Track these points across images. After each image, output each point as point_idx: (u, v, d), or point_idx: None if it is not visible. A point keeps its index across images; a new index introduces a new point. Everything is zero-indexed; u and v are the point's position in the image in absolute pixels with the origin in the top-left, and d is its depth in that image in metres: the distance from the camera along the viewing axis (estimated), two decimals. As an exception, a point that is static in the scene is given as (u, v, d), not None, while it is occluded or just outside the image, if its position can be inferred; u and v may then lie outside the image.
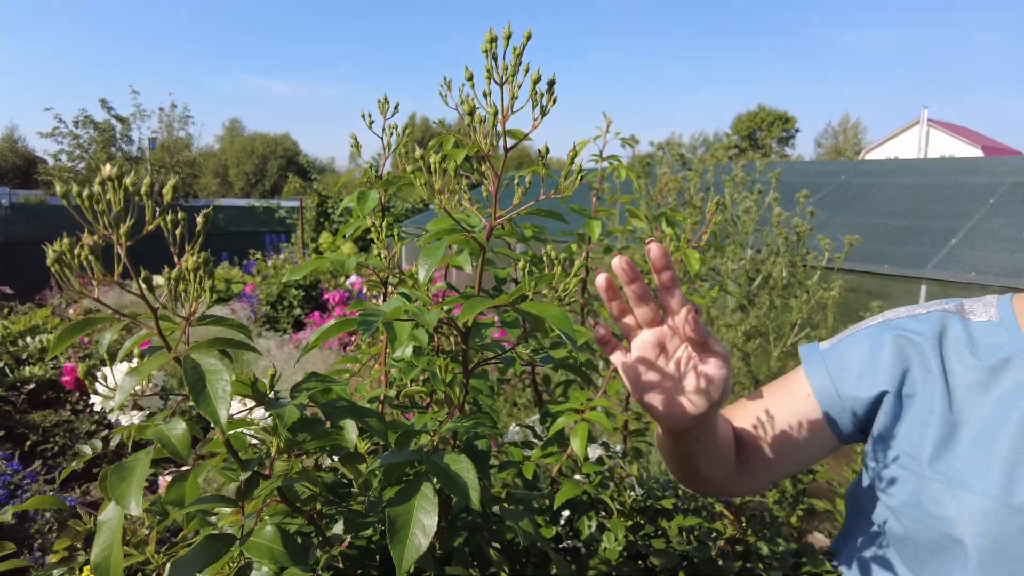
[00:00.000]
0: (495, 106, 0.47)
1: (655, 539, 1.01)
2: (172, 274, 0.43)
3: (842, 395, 0.87)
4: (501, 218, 0.52)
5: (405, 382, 0.86)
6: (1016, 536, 0.73)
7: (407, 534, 0.49)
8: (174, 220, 0.45)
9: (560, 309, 0.48)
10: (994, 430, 0.77)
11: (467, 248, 0.70)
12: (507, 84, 0.47)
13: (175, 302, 0.45)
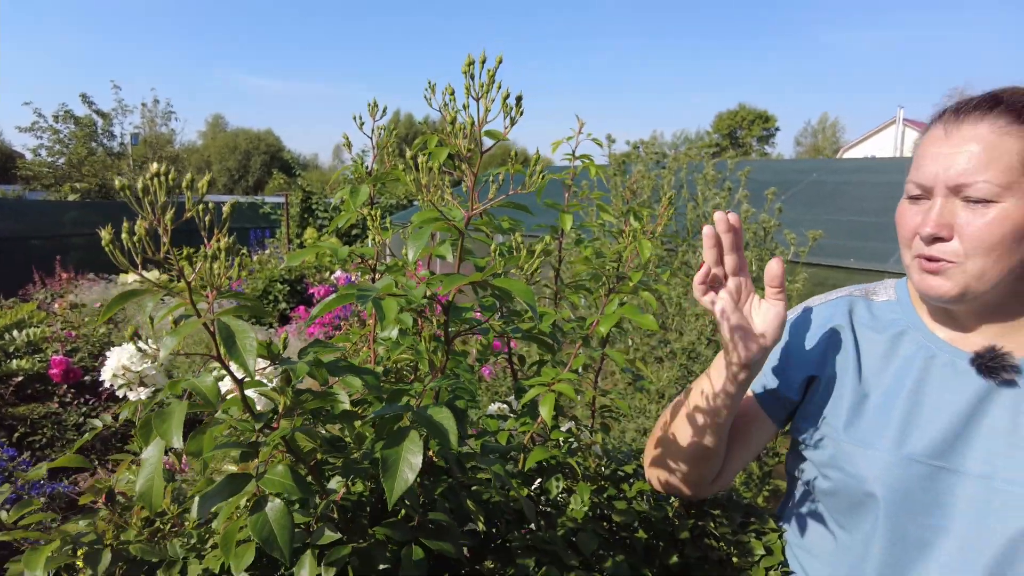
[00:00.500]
0: (472, 117, 0.57)
1: (617, 501, 1.12)
2: (207, 251, 0.53)
3: (776, 390, 1.00)
4: (477, 209, 0.62)
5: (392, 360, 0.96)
6: (917, 486, 0.85)
7: (397, 471, 0.60)
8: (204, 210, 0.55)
9: (525, 285, 0.58)
10: (893, 394, 0.90)
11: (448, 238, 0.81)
12: (482, 99, 0.57)
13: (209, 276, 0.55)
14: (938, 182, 0.82)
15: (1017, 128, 0.79)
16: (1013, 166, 0.78)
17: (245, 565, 0.73)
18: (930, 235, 0.82)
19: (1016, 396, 0.84)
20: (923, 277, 0.85)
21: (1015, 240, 0.79)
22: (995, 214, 0.78)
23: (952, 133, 0.82)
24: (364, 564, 0.78)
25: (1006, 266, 0.81)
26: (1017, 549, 0.80)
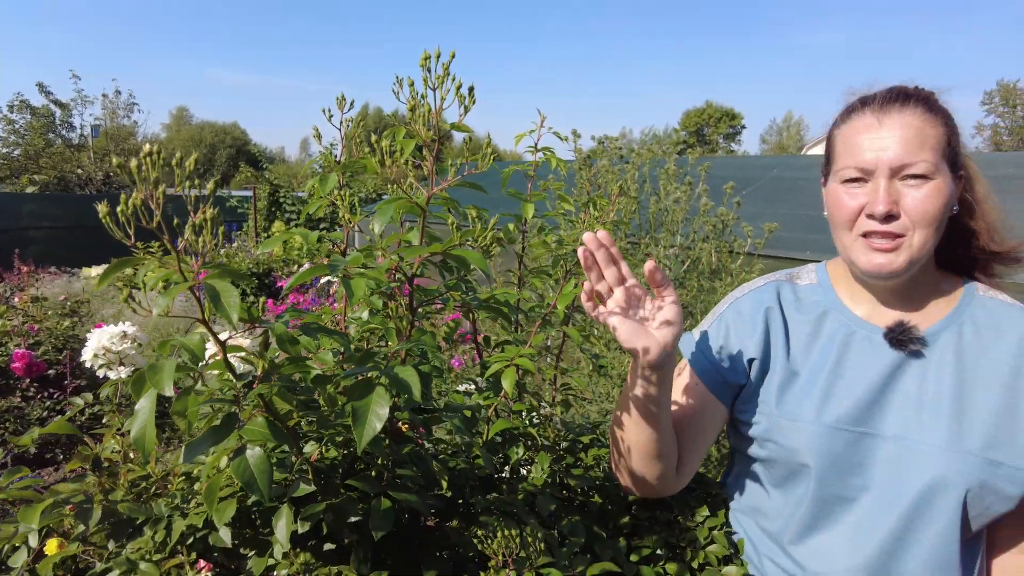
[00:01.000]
0: (429, 105, 0.65)
1: (575, 469, 1.21)
2: (193, 222, 0.59)
3: (723, 375, 1.09)
4: (437, 189, 0.70)
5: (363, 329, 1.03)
6: (843, 451, 0.95)
7: (366, 420, 0.67)
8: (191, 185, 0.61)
9: (479, 254, 0.66)
10: (818, 370, 1.00)
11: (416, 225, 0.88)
12: (438, 89, 0.65)
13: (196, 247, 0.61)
14: (880, 164, 0.91)
15: (932, 116, 0.91)
16: (936, 148, 0.90)
17: (227, 518, 0.80)
18: (884, 212, 0.90)
19: (923, 364, 0.95)
20: (873, 255, 0.93)
21: (944, 213, 0.91)
22: (931, 189, 0.89)
23: (884, 120, 0.92)
24: (337, 518, 0.85)
25: (936, 237, 0.92)
26: (925, 498, 0.90)
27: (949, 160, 0.92)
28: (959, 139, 0.95)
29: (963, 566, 0.93)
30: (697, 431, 1.10)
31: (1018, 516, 0.96)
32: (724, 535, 1.12)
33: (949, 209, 0.92)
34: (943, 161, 0.91)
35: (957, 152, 0.94)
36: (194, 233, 0.60)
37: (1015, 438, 0.89)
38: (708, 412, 1.10)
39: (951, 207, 0.93)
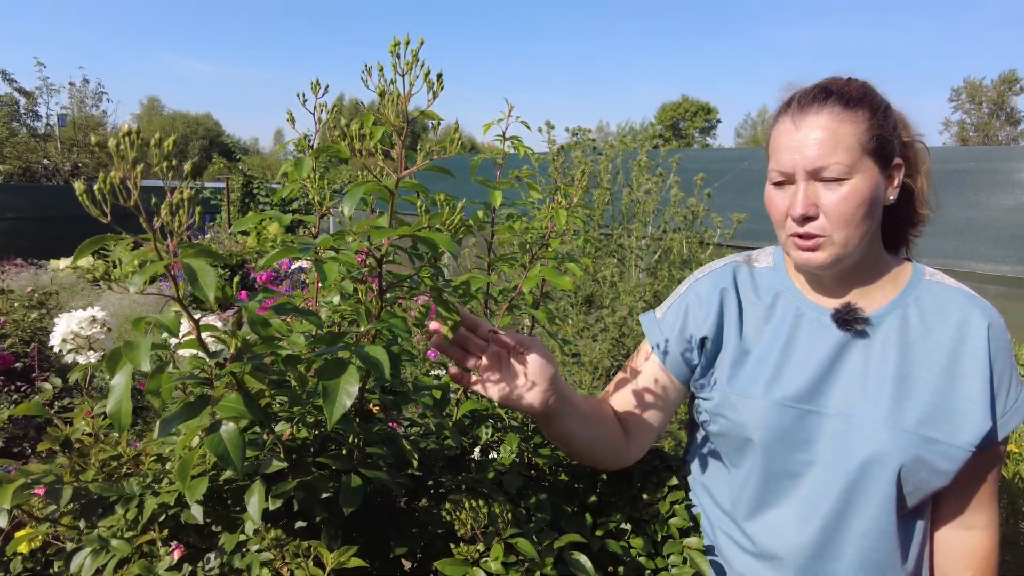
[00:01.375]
0: (398, 91, 0.67)
1: (542, 448, 1.24)
2: (170, 201, 0.61)
3: (678, 353, 1.13)
4: (407, 173, 0.72)
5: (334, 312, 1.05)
6: (790, 427, 0.99)
7: (336, 398, 0.69)
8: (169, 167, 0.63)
9: (447, 237, 0.68)
10: (769, 349, 1.04)
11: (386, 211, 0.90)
12: (407, 75, 0.67)
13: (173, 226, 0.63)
14: (797, 168, 0.95)
15: (850, 113, 0.93)
16: (853, 147, 0.92)
17: (199, 495, 0.82)
18: (801, 216, 0.95)
19: (868, 344, 0.99)
20: (799, 254, 0.98)
21: (867, 210, 0.94)
22: (847, 190, 0.92)
23: (800, 124, 0.95)
24: (308, 495, 0.87)
25: (864, 232, 0.95)
26: (863, 472, 0.95)
27: (875, 153, 0.93)
28: (893, 128, 0.96)
29: (901, 538, 0.98)
30: (653, 409, 1.14)
31: (958, 492, 1.02)
32: (684, 508, 1.17)
33: (873, 204, 0.94)
34: (865, 157, 0.92)
35: (888, 142, 0.95)
36: (170, 213, 0.62)
37: (951, 417, 0.93)
38: (665, 391, 1.14)
39: (877, 201, 0.95)
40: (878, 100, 0.97)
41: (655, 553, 1.16)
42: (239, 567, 0.84)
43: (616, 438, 1.10)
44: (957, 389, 0.95)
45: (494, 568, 0.95)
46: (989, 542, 1.03)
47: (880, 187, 0.95)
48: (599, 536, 1.14)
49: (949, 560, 1.05)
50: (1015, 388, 0.98)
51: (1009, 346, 0.98)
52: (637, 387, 1.14)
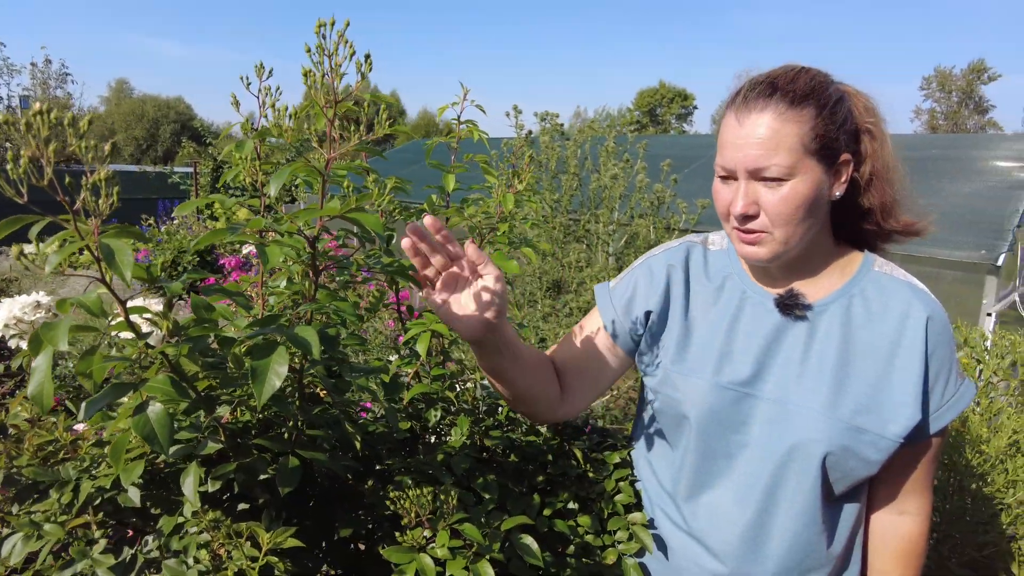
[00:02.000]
0: (323, 71, 0.67)
1: (493, 431, 1.26)
2: (88, 182, 0.60)
3: (624, 324, 1.14)
4: (337, 154, 0.72)
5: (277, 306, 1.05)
6: (725, 406, 1.01)
7: (265, 378, 0.70)
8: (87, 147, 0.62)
9: (376, 217, 0.69)
10: (714, 330, 1.05)
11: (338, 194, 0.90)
12: (333, 56, 0.67)
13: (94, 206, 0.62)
14: (739, 167, 0.94)
15: (794, 112, 0.91)
16: (795, 148, 0.91)
17: (134, 478, 0.82)
18: (739, 214, 0.95)
19: (810, 332, 1.00)
20: (742, 247, 0.99)
21: (807, 209, 0.93)
22: (787, 191, 0.92)
23: (743, 121, 0.94)
24: (248, 477, 0.88)
25: (805, 229, 0.95)
26: (790, 457, 0.97)
27: (818, 152, 0.92)
28: (842, 122, 0.95)
29: (829, 522, 1.00)
30: (594, 371, 1.15)
31: (892, 479, 1.04)
32: (629, 484, 1.19)
33: (814, 203, 0.94)
34: (808, 157, 0.92)
35: (833, 142, 0.94)
36: (91, 193, 0.61)
37: (882, 409, 0.95)
38: (607, 358, 1.15)
39: (819, 200, 0.94)
40: (827, 96, 0.94)
41: (602, 530, 1.18)
42: (176, 549, 0.85)
43: (552, 392, 1.11)
44: (891, 381, 0.96)
45: (440, 554, 0.96)
46: (918, 528, 1.05)
47: (823, 186, 0.94)
48: (547, 516, 1.16)
49: (880, 543, 1.08)
50: (953, 382, 0.98)
51: (950, 341, 0.98)
52: (580, 349, 1.16)
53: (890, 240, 1.07)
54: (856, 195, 1.01)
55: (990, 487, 1.91)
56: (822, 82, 0.96)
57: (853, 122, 0.98)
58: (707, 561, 1.06)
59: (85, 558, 0.81)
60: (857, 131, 0.99)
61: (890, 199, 1.01)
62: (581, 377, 1.15)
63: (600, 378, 1.17)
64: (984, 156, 4.20)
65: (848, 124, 0.96)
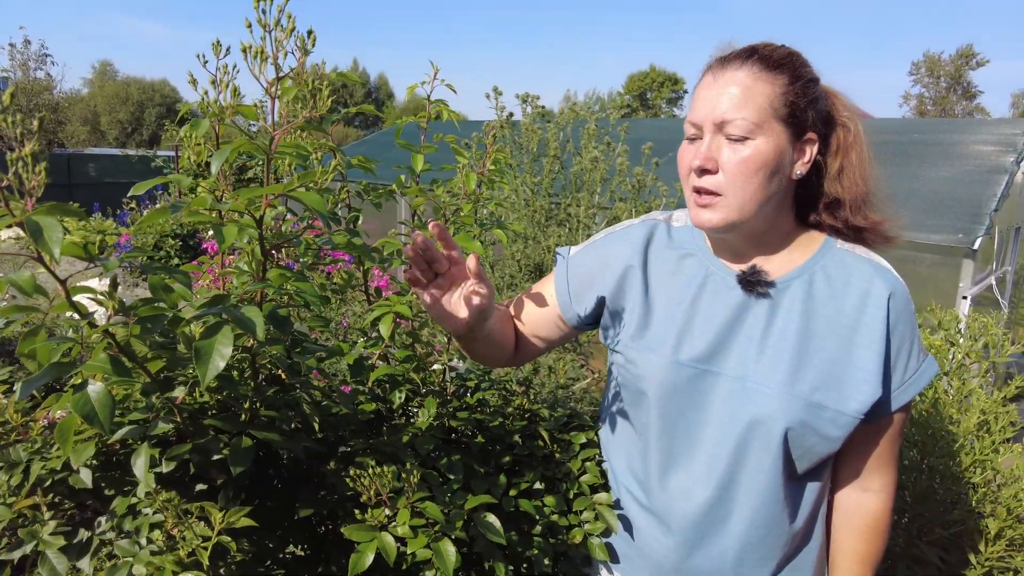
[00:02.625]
0: (262, 46, 0.66)
1: (460, 412, 1.26)
2: (13, 156, 0.59)
3: (570, 303, 1.16)
4: (280, 132, 0.71)
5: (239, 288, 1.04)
6: (683, 384, 1.01)
7: (209, 359, 0.69)
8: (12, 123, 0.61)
9: (318, 196, 0.68)
10: (675, 307, 1.05)
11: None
12: (274, 31, 0.65)
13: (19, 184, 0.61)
14: (706, 120, 0.94)
15: (768, 75, 0.92)
16: (764, 107, 0.91)
17: (84, 459, 0.81)
18: (699, 166, 0.94)
19: (772, 309, 1.00)
20: (696, 211, 0.98)
21: (767, 175, 0.93)
22: (750, 151, 0.91)
23: (718, 77, 0.95)
24: (203, 457, 0.87)
25: (762, 197, 0.94)
26: (750, 434, 0.97)
27: (787, 121, 0.92)
28: (813, 100, 0.94)
29: (790, 499, 1.01)
30: (542, 334, 1.20)
31: (855, 456, 1.05)
32: (595, 465, 1.20)
33: (774, 171, 0.93)
34: (775, 121, 0.92)
35: (803, 112, 0.93)
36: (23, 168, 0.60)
37: (842, 385, 0.95)
38: (552, 322, 1.18)
39: (780, 169, 0.94)
40: (803, 70, 0.95)
41: (568, 510, 1.19)
42: (129, 529, 0.84)
43: (509, 350, 1.18)
44: (852, 357, 0.96)
45: (402, 532, 0.96)
46: (882, 505, 1.06)
47: (785, 156, 0.94)
48: (513, 496, 1.17)
49: (844, 520, 1.09)
50: (916, 358, 0.98)
51: (911, 317, 0.98)
52: (533, 315, 1.19)
53: (859, 239, 1.05)
54: (822, 183, 1.01)
55: (958, 467, 1.94)
56: (799, 57, 0.97)
57: (827, 109, 0.98)
58: (668, 539, 1.07)
59: (34, 539, 0.80)
60: (831, 119, 0.99)
61: (861, 194, 1.00)
62: (532, 337, 1.20)
63: (549, 342, 1.22)
64: (966, 140, 4.21)
65: (820, 106, 0.96)
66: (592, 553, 1.15)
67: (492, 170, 1.49)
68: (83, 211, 0.66)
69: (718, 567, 1.03)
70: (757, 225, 0.99)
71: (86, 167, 11.91)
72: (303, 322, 1.16)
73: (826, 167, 1.00)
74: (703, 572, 1.05)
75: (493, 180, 1.52)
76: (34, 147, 0.59)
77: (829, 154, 1.00)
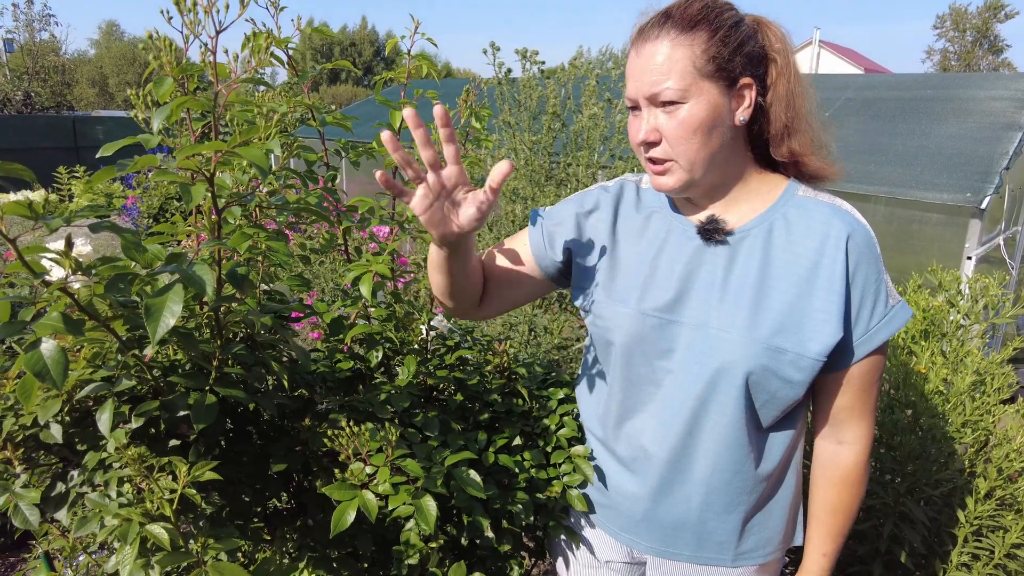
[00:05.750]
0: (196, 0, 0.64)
1: (439, 370, 1.27)
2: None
3: (545, 254, 1.15)
4: (224, 86, 0.70)
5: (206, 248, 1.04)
6: (648, 333, 1.02)
7: (159, 316, 0.69)
8: None
9: (260, 153, 0.67)
10: (640, 262, 1.06)
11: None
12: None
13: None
14: (639, 95, 0.95)
15: (684, 37, 0.91)
16: (687, 70, 0.91)
17: (51, 414, 0.83)
18: (640, 141, 0.96)
19: (731, 257, 1.00)
20: (654, 178, 1.00)
21: (705, 132, 0.93)
22: (683, 114, 0.92)
23: (640, 51, 0.95)
24: (171, 414, 0.89)
25: (708, 153, 0.95)
26: (713, 381, 0.98)
27: (714, 75, 0.92)
28: (739, 45, 0.93)
29: (755, 447, 1.02)
30: (512, 285, 1.18)
31: (827, 406, 1.05)
32: (573, 419, 1.21)
33: (713, 126, 0.93)
34: (702, 79, 0.91)
35: (729, 63, 0.92)
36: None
37: (802, 328, 0.95)
38: (527, 275, 1.17)
39: (719, 122, 0.94)
40: (722, 19, 0.93)
41: (547, 464, 1.20)
42: (99, 482, 0.86)
43: (476, 294, 1.14)
44: (811, 300, 0.96)
45: (383, 490, 0.98)
46: (854, 458, 1.06)
47: (721, 109, 0.93)
48: (493, 452, 1.18)
49: (819, 471, 1.10)
50: (882, 302, 0.98)
51: (875, 260, 0.97)
52: (506, 266, 1.18)
53: (797, 173, 1.04)
54: (761, 122, 1.00)
55: (949, 427, 1.94)
56: (716, 7, 0.95)
57: (758, 47, 0.97)
58: (635, 487, 1.09)
59: (6, 492, 0.82)
60: (764, 57, 0.97)
61: (782, 127, 0.99)
62: (501, 289, 1.18)
63: (518, 295, 1.20)
64: (978, 96, 4.08)
65: (749, 48, 0.95)
66: (571, 504, 1.17)
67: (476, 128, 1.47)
68: (28, 171, 0.66)
69: (683, 513, 1.06)
70: (712, 178, 0.99)
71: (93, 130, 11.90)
72: (279, 281, 1.16)
73: (766, 106, 0.99)
74: (670, 520, 1.07)
75: (479, 138, 1.50)
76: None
77: (767, 91, 0.98)
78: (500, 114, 3.21)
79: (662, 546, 1.10)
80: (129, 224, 5.89)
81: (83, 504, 0.90)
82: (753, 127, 1.00)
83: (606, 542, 1.18)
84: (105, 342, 0.92)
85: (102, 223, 0.70)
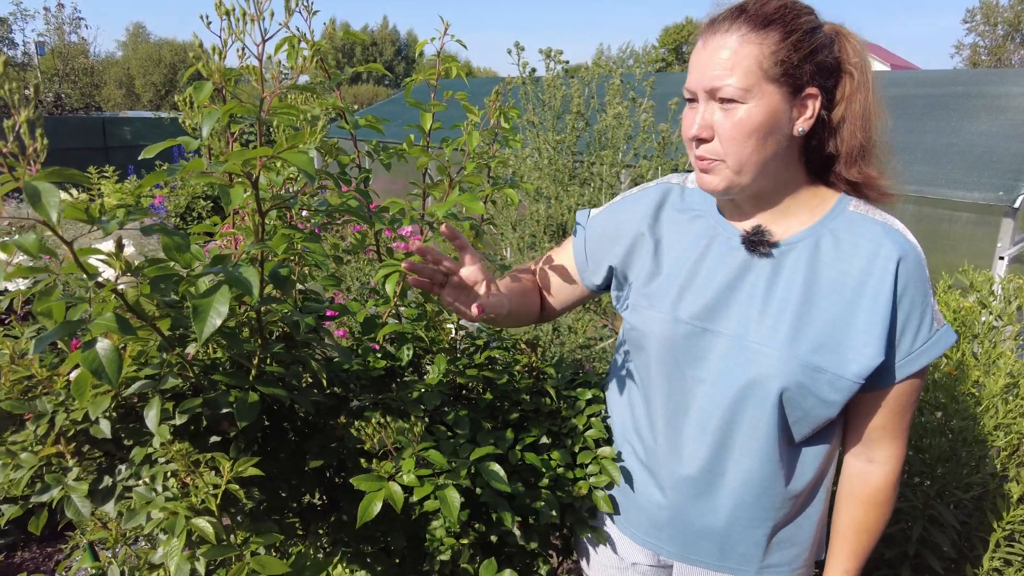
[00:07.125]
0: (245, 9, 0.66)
1: (469, 369, 1.28)
2: (9, 124, 0.61)
3: (587, 268, 1.19)
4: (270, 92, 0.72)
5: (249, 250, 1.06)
6: (681, 340, 1.02)
7: (206, 316, 0.72)
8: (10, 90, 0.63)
9: (307, 157, 0.69)
10: (680, 266, 1.05)
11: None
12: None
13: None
14: (699, 87, 0.92)
15: (755, 35, 0.89)
16: (752, 70, 0.88)
17: (101, 410, 0.86)
18: (692, 136, 0.94)
19: (775, 269, 0.99)
20: (700, 176, 0.98)
21: (761, 137, 0.90)
22: (741, 114, 0.89)
23: (708, 42, 0.92)
24: (213, 411, 0.91)
25: (760, 159, 0.92)
26: (745, 394, 0.97)
27: (779, 80, 0.89)
28: (812, 53, 0.90)
29: (787, 464, 1.01)
30: (562, 296, 1.25)
31: (862, 424, 1.03)
32: (600, 420, 1.22)
33: (769, 132, 0.91)
34: (766, 82, 0.89)
35: (798, 69, 0.90)
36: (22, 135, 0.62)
37: (842, 348, 0.93)
38: (573, 287, 1.24)
39: (776, 129, 0.91)
40: (797, 22, 0.90)
41: (573, 464, 1.21)
42: (146, 477, 0.89)
43: (531, 316, 1.25)
44: (854, 320, 0.93)
45: (408, 481, 1.00)
46: (884, 478, 1.04)
47: (781, 115, 0.91)
48: (520, 450, 1.20)
49: (847, 488, 1.08)
50: (927, 326, 0.95)
51: (924, 283, 0.95)
52: (557, 278, 1.24)
53: (857, 192, 1.01)
54: (822, 138, 0.97)
55: (980, 430, 1.91)
56: (795, 9, 0.92)
57: (832, 58, 0.93)
58: (662, 493, 1.09)
59: (59, 484, 0.85)
60: (837, 69, 0.94)
61: (856, 146, 0.96)
62: (555, 299, 1.25)
63: (571, 303, 1.27)
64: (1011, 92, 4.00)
65: (822, 57, 0.92)
66: (597, 505, 1.18)
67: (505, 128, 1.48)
68: (87, 176, 0.69)
69: (710, 523, 1.05)
70: (762, 185, 0.97)
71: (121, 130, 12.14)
72: (315, 280, 1.18)
73: (829, 119, 0.96)
74: (696, 528, 1.07)
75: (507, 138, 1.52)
76: (29, 114, 0.60)
77: (834, 105, 0.95)
78: (525, 114, 3.22)
79: (684, 552, 1.11)
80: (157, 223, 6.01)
81: (130, 497, 0.93)
82: (812, 140, 0.97)
83: (632, 544, 1.19)
84: (149, 341, 0.95)
85: (153, 226, 0.72)
